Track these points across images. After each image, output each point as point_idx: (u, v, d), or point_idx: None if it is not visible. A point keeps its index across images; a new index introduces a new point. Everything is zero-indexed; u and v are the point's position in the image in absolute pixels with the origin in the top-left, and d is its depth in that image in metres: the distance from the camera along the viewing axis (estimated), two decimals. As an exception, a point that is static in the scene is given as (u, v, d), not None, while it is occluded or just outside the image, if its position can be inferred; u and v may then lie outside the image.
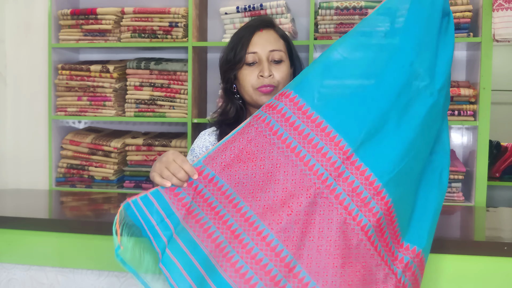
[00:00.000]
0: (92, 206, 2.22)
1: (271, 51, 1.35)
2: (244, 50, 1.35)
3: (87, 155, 2.79)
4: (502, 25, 2.32)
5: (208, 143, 1.41)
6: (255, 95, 1.35)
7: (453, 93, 2.44)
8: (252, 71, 1.35)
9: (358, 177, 1.07)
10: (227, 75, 1.40)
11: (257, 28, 1.37)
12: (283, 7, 2.52)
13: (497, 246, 1.52)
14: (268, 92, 1.34)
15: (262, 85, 1.34)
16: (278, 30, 1.41)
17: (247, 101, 1.41)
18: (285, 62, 1.37)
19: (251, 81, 1.35)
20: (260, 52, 1.35)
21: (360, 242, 1.06)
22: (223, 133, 1.39)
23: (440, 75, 1.22)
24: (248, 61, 1.35)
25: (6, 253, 1.83)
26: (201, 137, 1.44)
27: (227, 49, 1.41)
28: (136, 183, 2.74)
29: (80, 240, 1.77)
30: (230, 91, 1.43)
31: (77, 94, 2.79)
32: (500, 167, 3.50)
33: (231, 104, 1.43)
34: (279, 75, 1.35)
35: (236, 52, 1.36)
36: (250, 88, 1.35)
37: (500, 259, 1.51)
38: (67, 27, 2.78)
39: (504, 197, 3.45)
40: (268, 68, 1.33)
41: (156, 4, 2.88)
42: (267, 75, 1.33)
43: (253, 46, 1.35)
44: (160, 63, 2.69)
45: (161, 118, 2.69)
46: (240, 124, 1.21)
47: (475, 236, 1.79)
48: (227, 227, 1.07)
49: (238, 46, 1.36)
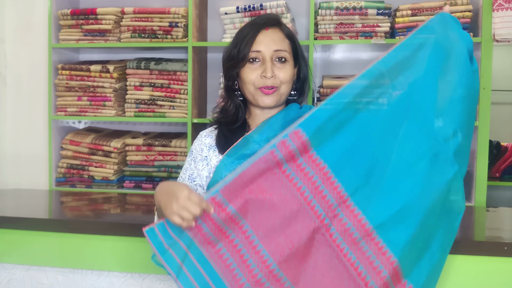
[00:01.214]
0: (92, 206, 2.21)
1: (275, 50, 1.33)
2: (248, 48, 1.32)
3: (87, 155, 2.79)
4: (502, 25, 2.32)
5: (203, 145, 1.40)
6: (256, 95, 1.34)
7: (453, 93, 2.44)
8: (255, 69, 1.33)
9: (351, 219, 1.19)
10: (229, 72, 1.38)
11: (263, 26, 1.34)
12: (283, 7, 2.52)
13: (497, 246, 1.52)
14: (269, 93, 1.33)
15: (264, 86, 1.32)
16: (284, 28, 1.38)
17: (248, 99, 1.39)
18: (289, 62, 1.35)
19: (253, 80, 1.33)
20: (264, 51, 1.32)
21: (351, 276, 1.18)
22: (221, 134, 1.39)
23: (449, 120, 1.26)
24: (251, 60, 1.33)
25: (6, 253, 1.83)
26: (198, 139, 1.43)
27: (231, 46, 1.38)
28: (136, 183, 2.74)
29: (80, 240, 1.77)
30: (232, 88, 1.41)
31: (77, 94, 2.79)
32: (500, 167, 3.50)
33: (231, 101, 1.41)
34: (282, 75, 1.33)
35: (240, 49, 1.33)
36: (252, 86, 1.34)
37: (500, 259, 1.51)
38: (67, 27, 2.78)
39: (504, 197, 3.45)
40: (271, 69, 1.31)
41: (156, 4, 2.88)
42: (270, 75, 1.31)
43: (257, 44, 1.33)
44: (160, 63, 2.69)
45: (161, 118, 2.69)
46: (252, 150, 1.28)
47: (475, 236, 1.79)
48: (240, 256, 1.17)
49: (242, 43, 1.33)
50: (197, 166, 1.39)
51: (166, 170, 2.70)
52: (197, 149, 1.41)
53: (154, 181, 2.72)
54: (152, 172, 2.73)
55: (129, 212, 2.19)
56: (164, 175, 2.70)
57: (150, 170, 2.73)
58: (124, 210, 2.21)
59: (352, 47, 2.68)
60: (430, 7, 2.46)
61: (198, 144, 1.41)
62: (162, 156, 2.72)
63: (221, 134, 1.39)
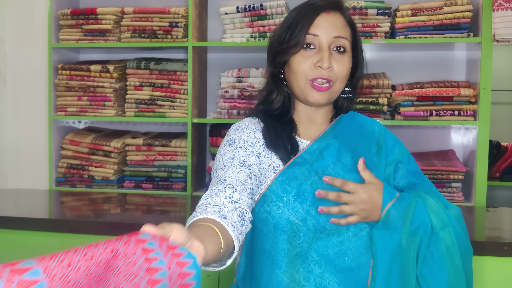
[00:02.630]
0: (92, 206, 2.21)
1: (335, 37, 1.13)
2: (304, 31, 1.12)
3: (87, 155, 2.79)
4: (502, 25, 2.32)
5: (254, 139, 1.15)
6: (306, 89, 1.14)
7: (453, 93, 2.44)
8: (309, 57, 1.13)
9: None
10: (277, 58, 1.17)
11: (323, 9, 1.14)
12: (283, 7, 2.52)
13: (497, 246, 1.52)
14: (323, 90, 1.13)
15: (318, 77, 1.12)
16: (346, 14, 1.18)
17: (294, 92, 1.19)
18: (348, 53, 1.15)
19: (306, 70, 1.13)
20: (322, 36, 1.12)
21: None
22: (269, 127, 1.18)
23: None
24: (306, 43, 1.13)
25: (6, 253, 1.83)
26: (244, 130, 1.17)
27: (281, 28, 1.18)
28: (136, 183, 2.74)
29: (80, 240, 1.77)
30: (278, 77, 1.21)
31: (77, 94, 2.79)
32: (500, 167, 3.50)
33: (277, 92, 1.21)
34: (339, 68, 1.13)
35: (293, 32, 1.13)
36: (303, 78, 1.13)
37: (500, 259, 1.52)
38: (67, 27, 2.78)
39: (504, 197, 3.45)
40: (329, 58, 1.11)
41: (156, 4, 2.88)
42: (327, 66, 1.11)
43: (315, 28, 1.12)
44: (160, 63, 2.69)
45: (161, 118, 2.69)
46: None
47: (475, 236, 1.79)
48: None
49: (297, 26, 1.13)
50: (249, 156, 1.11)
51: (166, 170, 2.70)
52: (246, 141, 1.14)
53: (154, 181, 2.72)
54: (152, 172, 2.72)
55: (129, 212, 2.19)
56: (164, 175, 2.70)
57: (150, 170, 2.73)
58: (124, 210, 2.21)
59: (352, 47, 2.68)
60: (430, 7, 2.46)
61: (246, 136, 1.16)
62: (162, 156, 2.72)
63: (269, 127, 1.18)
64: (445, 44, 2.53)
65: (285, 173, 1.10)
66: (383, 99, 2.50)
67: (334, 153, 1.15)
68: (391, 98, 2.51)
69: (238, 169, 1.06)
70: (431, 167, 2.50)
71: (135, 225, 1.75)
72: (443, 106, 2.47)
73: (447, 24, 2.45)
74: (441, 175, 2.49)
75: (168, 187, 2.69)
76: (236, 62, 2.82)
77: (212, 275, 1.73)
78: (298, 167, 1.11)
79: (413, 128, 2.75)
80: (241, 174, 1.05)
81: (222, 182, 1.03)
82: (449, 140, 2.75)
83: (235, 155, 1.10)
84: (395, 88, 2.53)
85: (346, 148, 1.16)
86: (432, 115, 2.48)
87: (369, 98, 2.51)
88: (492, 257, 1.52)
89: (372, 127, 1.22)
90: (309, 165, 1.12)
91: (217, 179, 1.05)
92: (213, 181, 1.08)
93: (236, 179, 1.04)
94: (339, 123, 1.21)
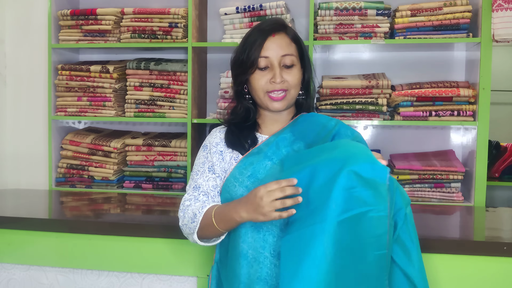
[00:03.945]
0: (92, 206, 2.22)
1: (283, 56, 1.35)
2: (257, 54, 1.35)
3: (87, 155, 2.79)
4: (501, 25, 2.32)
5: (218, 139, 1.44)
6: (265, 100, 1.37)
7: (453, 93, 2.44)
8: (264, 75, 1.36)
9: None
10: (238, 78, 1.41)
11: (270, 32, 1.37)
12: (282, 7, 2.52)
13: (496, 246, 1.52)
14: (279, 99, 1.36)
15: (274, 90, 1.35)
16: (290, 32, 1.41)
17: (257, 104, 1.43)
18: (296, 66, 1.38)
19: (263, 86, 1.36)
20: (272, 56, 1.35)
21: None
22: (230, 132, 1.43)
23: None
24: (260, 66, 1.36)
25: (6, 253, 1.83)
26: (213, 134, 1.47)
27: (239, 51, 1.41)
28: (136, 183, 2.74)
29: (80, 240, 1.77)
30: (241, 93, 1.44)
31: (77, 94, 2.79)
32: (499, 167, 3.50)
33: (241, 105, 1.45)
34: (291, 79, 1.36)
35: (248, 55, 1.36)
36: (261, 92, 1.37)
37: (500, 259, 1.52)
38: (67, 27, 2.78)
39: (503, 197, 3.46)
40: (280, 74, 1.34)
41: (156, 4, 2.88)
42: (279, 80, 1.34)
43: (265, 51, 1.35)
44: (160, 63, 2.69)
45: (161, 118, 2.69)
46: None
47: (474, 236, 1.79)
48: None
49: (251, 50, 1.36)
50: (213, 159, 1.41)
51: (166, 170, 2.71)
52: (212, 143, 1.44)
53: (154, 181, 2.72)
54: (152, 172, 2.73)
55: (129, 212, 2.19)
56: (164, 175, 2.70)
57: (150, 170, 2.73)
58: (124, 210, 2.21)
59: (352, 47, 2.68)
60: (429, 8, 2.46)
61: (213, 138, 1.45)
62: (162, 156, 2.73)
63: (229, 131, 1.44)
64: (445, 45, 2.54)
65: (242, 161, 1.37)
66: (383, 99, 2.51)
67: (287, 143, 1.37)
68: (391, 98, 2.51)
69: (208, 176, 1.41)
70: (430, 167, 2.51)
71: (135, 225, 1.75)
72: (442, 106, 2.48)
73: (446, 25, 2.45)
74: (440, 175, 2.49)
75: (168, 187, 2.69)
76: (235, 63, 2.82)
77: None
78: (254, 156, 1.36)
79: (412, 129, 2.76)
80: (211, 181, 1.40)
81: (197, 189, 1.40)
82: (449, 140, 2.76)
83: (205, 161, 1.43)
84: (395, 88, 2.53)
85: (300, 140, 1.36)
86: (432, 115, 2.48)
87: (369, 98, 2.51)
88: (491, 257, 1.52)
89: (329, 122, 1.39)
90: (264, 153, 1.36)
91: (193, 184, 1.41)
92: (191, 183, 1.43)
93: (207, 186, 1.39)
94: (297, 120, 1.43)
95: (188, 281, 1.73)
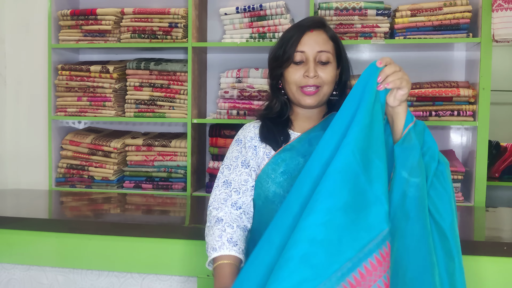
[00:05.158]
0: (92, 206, 2.22)
1: (319, 51, 1.37)
2: (293, 48, 1.37)
3: (87, 155, 2.79)
4: (501, 25, 2.32)
5: (253, 133, 1.45)
6: (298, 94, 1.39)
7: (453, 93, 2.44)
8: (298, 69, 1.38)
9: None
10: (274, 72, 1.43)
11: (308, 28, 1.39)
12: (282, 7, 2.52)
13: (497, 246, 1.52)
14: (311, 93, 1.37)
15: (306, 85, 1.36)
16: (328, 31, 1.42)
17: (290, 98, 1.44)
18: (331, 63, 1.39)
19: (296, 80, 1.38)
20: (308, 51, 1.37)
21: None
22: (265, 126, 1.45)
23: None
24: (295, 60, 1.37)
25: (6, 253, 1.83)
26: (246, 128, 1.49)
27: (276, 46, 1.43)
28: (136, 183, 2.74)
29: (80, 240, 1.77)
30: (276, 87, 1.46)
31: (77, 94, 2.79)
32: (499, 167, 3.50)
33: (276, 99, 1.47)
34: (324, 76, 1.37)
35: (285, 50, 1.38)
36: (294, 86, 1.38)
37: (500, 259, 1.52)
38: (67, 27, 2.78)
39: (503, 197, 3.46)
40: (314, 69, 1.36)
41: (156, 4, 2.88)
42: (312, 75, 1.35)
43: (302, 45, 1.37)
44: (160, 63, 2.69)
45: (161, 118, 2.69)
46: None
47: (474, 236, 1.79)
48: None
49: (287, 44, 1.38)
50: (248, 153, 1.43)
51: (166, 170, 2.71)
52: (247, 137, 1.46)
53: (154, 181, 2.72)
54: (152, 172, 2.73)
55: (129, 212, 2.19)
56: (164, 175, 2.70)
57: (150, 170, 2.73)
58: (124, 210, 2.21)
59: (352, 47, 2.68)
60: (429, 8, 2.46)
61: (247, 132, 1.47)
62: (162, 156, 2.73)
63: (264, 125, 1.46)
64: (445, 45, 2.54)
65: (275, 157, 1.39)
66: (383, 99, 2.50)
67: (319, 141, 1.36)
68: (391, 98, 2.51)
69: (241, 171, 1.42)
70: (430, 167, 2.50)
71: (135, 225, 1.75)
72: (442, 106, 2.48)
73: (446, 25, 2.45)
74: (440, 175, 2.49)
75: (168, 187, 2.69)
76: (235, 63, 2.82)
77: (212, 275, 1.73)
78: (287, 152, 1.38)
79: (412, 129, 2.75)
80: (243, 175, 1.41)
81: (228, 185, 1.41)
82: (449, 140, 2.76)
83: (239, 156, 1.44)
84: (395, 88, 2.53)
85: None
86: (432, 115, 2.48)
87: (369, 98, 2.51)
88: (491, 257, 1.52)
89: None
90: (296, 150, 1.38)
91: (224, 178, 1.43)
92: (220, 176, 1.44)
93: (239, 181, 1.40)
94: (328, 118, 1.43)
95: (188, 281, 1.73)
